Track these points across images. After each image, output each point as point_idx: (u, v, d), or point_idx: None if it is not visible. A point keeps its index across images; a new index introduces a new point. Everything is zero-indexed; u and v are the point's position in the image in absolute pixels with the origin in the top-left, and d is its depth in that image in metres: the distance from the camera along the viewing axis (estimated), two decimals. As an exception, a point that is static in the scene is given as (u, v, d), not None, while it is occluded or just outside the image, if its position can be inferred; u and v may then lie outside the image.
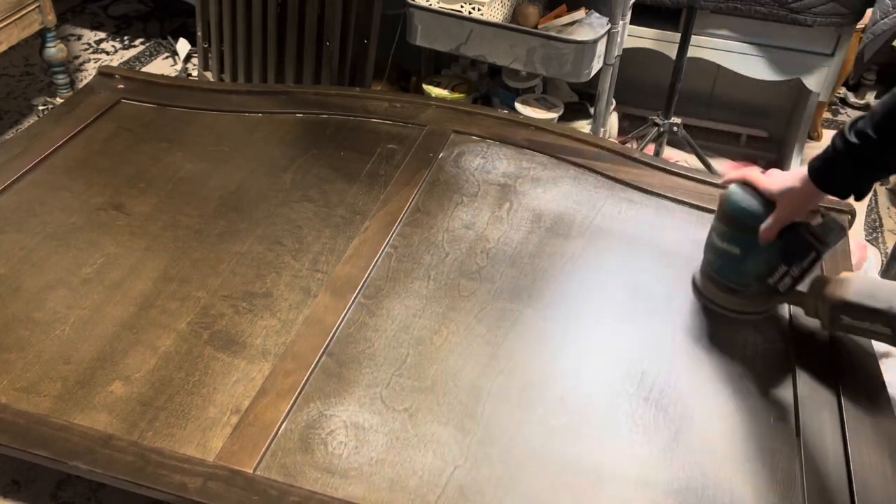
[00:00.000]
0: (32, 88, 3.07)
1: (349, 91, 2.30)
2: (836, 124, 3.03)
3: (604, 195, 1.91)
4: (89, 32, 3.48)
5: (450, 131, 2.09)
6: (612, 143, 2.11)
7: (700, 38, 2.49)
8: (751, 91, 2.77)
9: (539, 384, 1.46)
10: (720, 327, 1.59)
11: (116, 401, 1.42)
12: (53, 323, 1.57)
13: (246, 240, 1.77)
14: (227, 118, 2.16)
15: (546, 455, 1.35)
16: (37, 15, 2.60)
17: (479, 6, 2.25)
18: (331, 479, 1.30)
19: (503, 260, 1.72)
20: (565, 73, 2.23)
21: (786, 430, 1.40)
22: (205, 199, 1.88)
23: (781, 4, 2.31)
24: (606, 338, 1.57)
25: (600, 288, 1.67)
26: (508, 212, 1.85)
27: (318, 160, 2.00)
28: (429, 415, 1.40)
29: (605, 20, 2.26)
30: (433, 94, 2.55)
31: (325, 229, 1.79)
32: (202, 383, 1.46)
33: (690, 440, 1.38)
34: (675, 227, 1.82)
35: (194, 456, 1.33)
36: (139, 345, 1.53)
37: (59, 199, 1.86)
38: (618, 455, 1.35)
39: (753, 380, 1.48)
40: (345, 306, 1.59)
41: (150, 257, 1.72)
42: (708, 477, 1.32)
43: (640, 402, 1.44)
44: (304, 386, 1.44)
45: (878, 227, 2.52)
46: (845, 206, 1.88)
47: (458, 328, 1.56)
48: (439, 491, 1.28)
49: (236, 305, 1.61)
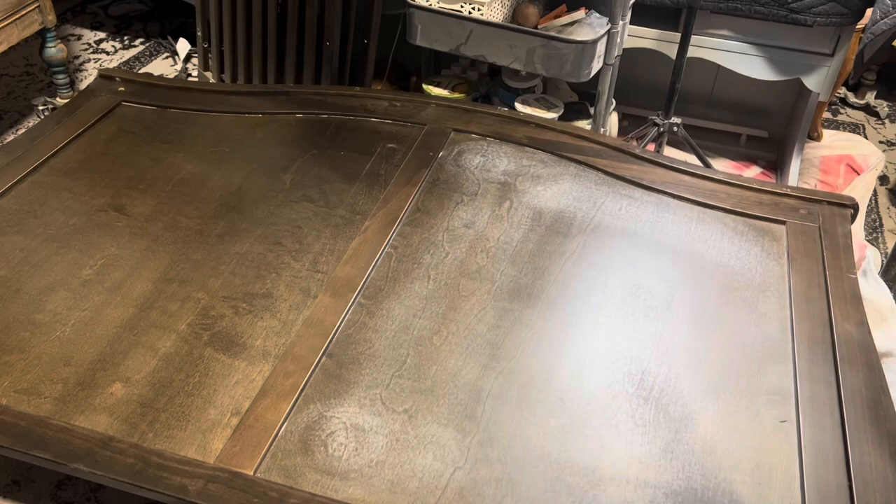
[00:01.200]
0: (32, 88, 3.07)
1: (349, 91, 2.30)
2: (836, 124, 3.03)
3: (604, 192, 1.91)
4: (89, 32, 3.48)
5: (450, 130, 2.09)
6: (612, 140, 2.11)
7: (700, 38, 2.49)
8: (751, 91, 2.77)
9: (539, 384, 1.47)
10: (720, 326, 1.59)
11: (117, 402, 1.43)
12: (54, 324, 1.57)
13: (246, 240, 1.77)
14: (226, 119, 2.16)
15: (546, 456, 1.35)
16: (37, 15, 2.60)
17: (479, 6, 2.25)
18: (331, 481, 1.30)
19: (503, 259, 1.72)
20: (565, 73, 2.23)
21: (786, 430, 1.40)
22: (205, 200, 1.88)
23: (781, 4, 2.31)
24: (607, 336, 1.57)
25: (601, 286, 1.67)
26: (509, 210, 1.85)
27: (319, 160, 2.01)
28: (429, 416, 1.40)
29: (605, 20, 2.26)
30: (433, 93, 2.55)
31: (324, 229, 1.80)
32: (202, 385, 1.46)
33: (690, 440, 1.38)
34: (676, 224, 1.82)
35: (195, 458, 1.33)
36: (139, 346, 1.53)
37: (60, 201, 1.87)
38: (618, 455, 1.36)
39: (754, 379, 1.49)
40: (345, 307, 1.59)
41: (151, 258, 1.72)
42: (708, 478, 1.33)
43: (640, 402, 1.44)
44: (304, 387, 1.44)
45: (878, 227, 2.52)
46: (847, 200, 1.88)
47: (458, 328, 1.57)
48: (439, 493, 1.29)
49: (236, 306, 1.61)
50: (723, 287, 1.68)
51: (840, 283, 1.67)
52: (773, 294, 1.66)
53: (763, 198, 1.91)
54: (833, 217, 1.85)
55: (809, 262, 1.72)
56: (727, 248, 1.77)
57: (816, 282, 1.68)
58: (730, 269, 1.72)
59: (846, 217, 1.85)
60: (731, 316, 1.62)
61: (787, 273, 1.70)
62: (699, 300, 1.64)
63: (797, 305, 1.63)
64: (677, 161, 2.04)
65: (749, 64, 2.50)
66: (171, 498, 1.28)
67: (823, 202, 1.89)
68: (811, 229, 1.81)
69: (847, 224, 1.83)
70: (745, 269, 1.72)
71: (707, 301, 1.64)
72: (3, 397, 1.43)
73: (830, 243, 1.77)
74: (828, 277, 1.68)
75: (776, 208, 1.88)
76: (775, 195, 1.92)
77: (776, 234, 1.81)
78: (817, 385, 1.47)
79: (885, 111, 3.09)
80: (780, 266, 1.73)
